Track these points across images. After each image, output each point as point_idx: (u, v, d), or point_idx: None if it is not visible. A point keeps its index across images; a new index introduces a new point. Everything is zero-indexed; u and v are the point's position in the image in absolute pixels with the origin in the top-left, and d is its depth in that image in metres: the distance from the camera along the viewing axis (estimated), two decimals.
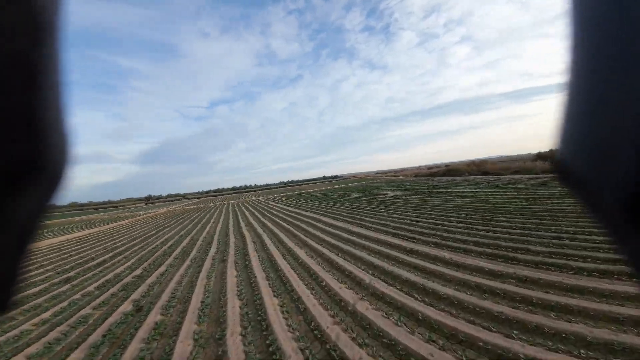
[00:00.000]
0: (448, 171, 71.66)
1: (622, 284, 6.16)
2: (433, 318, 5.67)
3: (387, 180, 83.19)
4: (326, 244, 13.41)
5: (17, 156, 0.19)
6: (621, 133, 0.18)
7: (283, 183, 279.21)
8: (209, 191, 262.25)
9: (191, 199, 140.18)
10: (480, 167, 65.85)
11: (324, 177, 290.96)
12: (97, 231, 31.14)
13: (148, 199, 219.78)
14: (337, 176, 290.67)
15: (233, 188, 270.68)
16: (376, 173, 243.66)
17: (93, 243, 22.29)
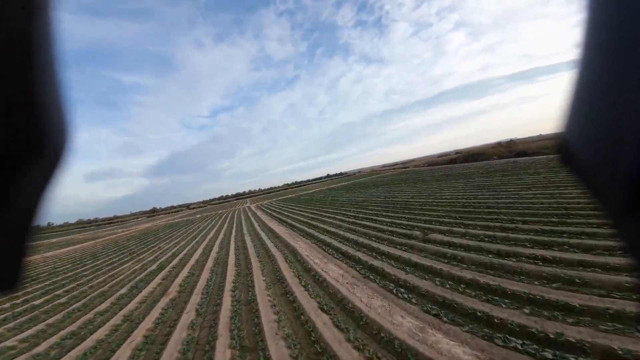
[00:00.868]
0: (470, 156, 60.60)
1: None
2: None
3: (398, 172, 73.02)
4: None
5: (17, 139, 0.19)
6: (627, 122, 0.18)
7: (287, 185, 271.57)
8: (213, 199, 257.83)
9: (194, 209, 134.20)
10: (510, 148, 54.66)
11: (328, 175, 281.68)
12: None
13: (153, 212, 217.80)
14: (342, 173, 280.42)
15: (237, 194, 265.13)
16: (382, 166, 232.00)
17: None
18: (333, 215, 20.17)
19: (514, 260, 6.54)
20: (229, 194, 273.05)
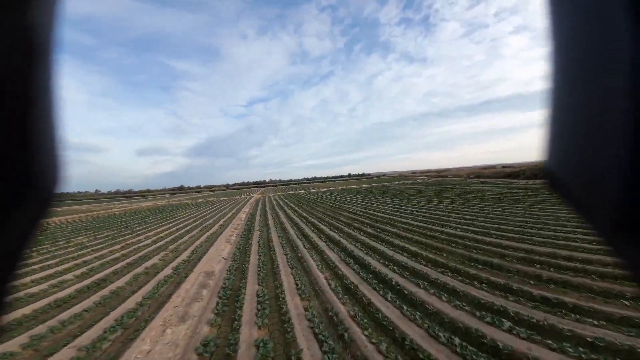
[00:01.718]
0: (539, 171, 48.48)
1: None
2: None
3: (433, 181, 62.91)
4: None
5: (10, 177, 0.19)
6: (606, 142, 0.18)
7: (306, 179, 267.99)
8: (235, 184, 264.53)
9: (216, 191, 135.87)
10: None
11: (350, 175, 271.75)
12: None
13: (180, 189, 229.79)
14: (365, 174, 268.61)
15: (257, 182, 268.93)
16: (412, 172, 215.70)
17: None
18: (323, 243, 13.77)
19: None
20: (251, 181, 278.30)
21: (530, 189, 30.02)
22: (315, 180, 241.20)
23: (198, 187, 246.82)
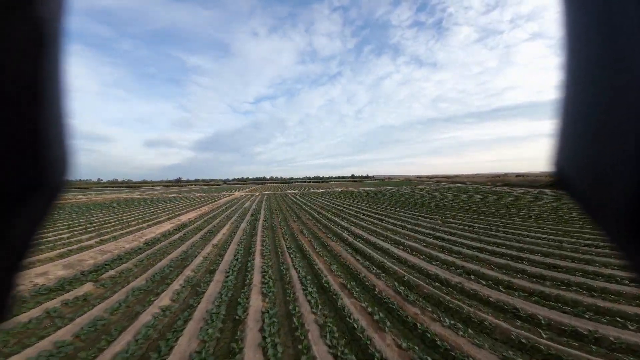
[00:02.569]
0: None
1: None
2: None
3: (452, 187, 52.85)
4: None
5: (18, 173, 0.19)
6: (618, 144, 0.17)
7: (308, 178, 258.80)
8: (234, 179, 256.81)
9: (211, 186, 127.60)
10: None
11: (352, 176, 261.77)
12: None
13: (178, 181, 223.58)
14: (369, 176, 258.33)
15: (256, 178, 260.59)
16: (417, 177, 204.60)
17: None
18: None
19: None
20: (251, 177, 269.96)
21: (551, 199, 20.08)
22: (316, 179, 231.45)
23: (196, 180, 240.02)
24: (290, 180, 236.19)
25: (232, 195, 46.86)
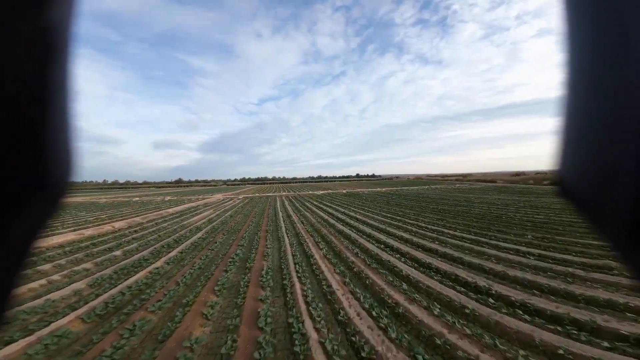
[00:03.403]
0: None
1: None
2: None
3: (482, 187, 43.12)
4: None
5: (23, 175, 0.19)
6: (620, 146, 0.17)
7: (312, 178, 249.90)
8: (235, 180, 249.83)
9: (207, 187, 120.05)
10: None
11: (358, 175, 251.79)
12: None
13: (177, 182, 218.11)
14: (375, 175, 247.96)
15: (258, 178, 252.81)
16: (427, 175, 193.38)
17: None
18: None
19: None
20: (253, 177, 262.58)
21: None
22: (319, 179, 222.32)
23: (196, 181, 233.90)
24: (292, 180, 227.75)
25: (207, 199, 38.29)
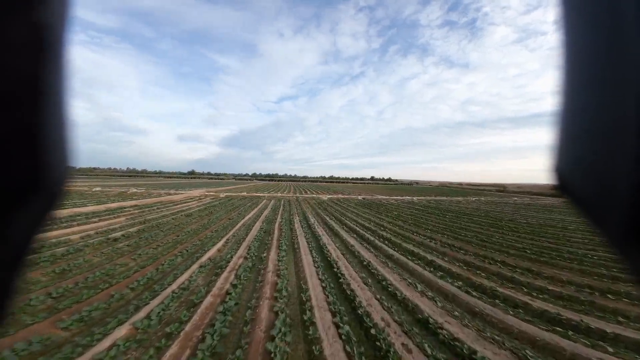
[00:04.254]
0: None
1: None
2: None
3: (536, 202, 30.09)
4: None
5: (18, 174, 0.19)
6: (620, 145, 0.17)
7: (323, 177, 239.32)
8: (246, 174, 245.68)
9: (213, 180, 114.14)
10: None
11: (373, 179, 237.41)
12: None
13: (191, 174, 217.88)
14: (392, 180, 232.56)
15: (267, 175, 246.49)
16: (449, 183, 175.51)
17: None
18: None
19: None
20: (263, 174, 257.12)
21: None
22: (331, 179, 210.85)
23: (208, 173, 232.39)
24: (303, 179, 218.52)
25: (172, 196, 28.94)
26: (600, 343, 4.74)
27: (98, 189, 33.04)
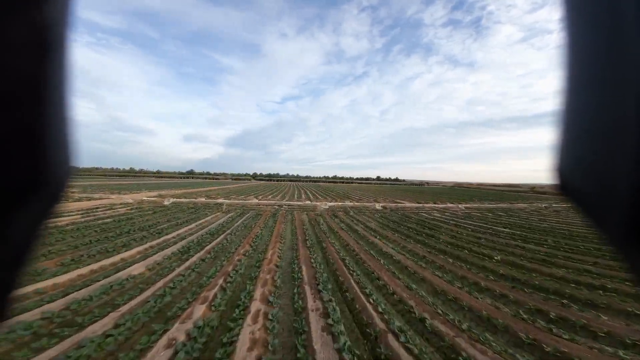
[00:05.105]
0: None
1: None
2: None
3: None
4: None
5: (20, 173, 0.19)
6: (621, 145, 0.17)
7: (327, 177, 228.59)
8: (246, 174, 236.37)
9: (207, 179, 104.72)
10: None
11: (379, 178, 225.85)
12: None
13: (190, 174, 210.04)
14: (399, 179, 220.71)
15: (267, 175, 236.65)
16: (457, 184, 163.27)
17: None
18: None
19: None
20: (263, 173, 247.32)
21: None
22: (334, 179, 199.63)
23: (207, 173, 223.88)
24: (305, 178, 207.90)
25: (106, 200, 17.87)
26: None
27: None
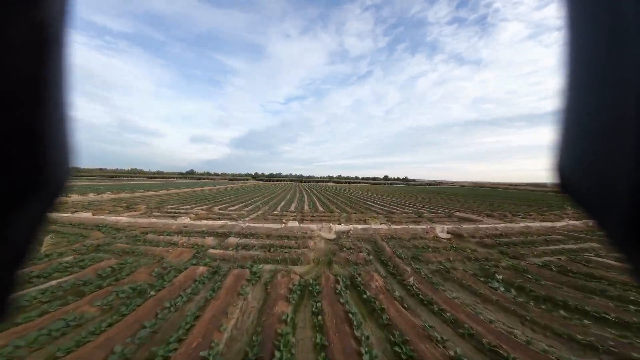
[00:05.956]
0: None
1: None
2: None
3: None
4: None
5: (20, 173, 0.19)
6: (622, 144, 0.17)
7: (331, 177, 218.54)
8: (247, 174, 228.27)
9: (203, 180, 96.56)
10: None
11: (386, 178, 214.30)
12: None
13: (190, 173, 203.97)
14: (408, 179, 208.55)
15: (269, 175, 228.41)
16: (475, 184, 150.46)
17: None
18: None
19: None
20: (265, 173, 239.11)
21: None
22: (339, 179, 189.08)
23: (208, 174, 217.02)
24: (308, 178, 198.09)
25: None
26: None
27: None
